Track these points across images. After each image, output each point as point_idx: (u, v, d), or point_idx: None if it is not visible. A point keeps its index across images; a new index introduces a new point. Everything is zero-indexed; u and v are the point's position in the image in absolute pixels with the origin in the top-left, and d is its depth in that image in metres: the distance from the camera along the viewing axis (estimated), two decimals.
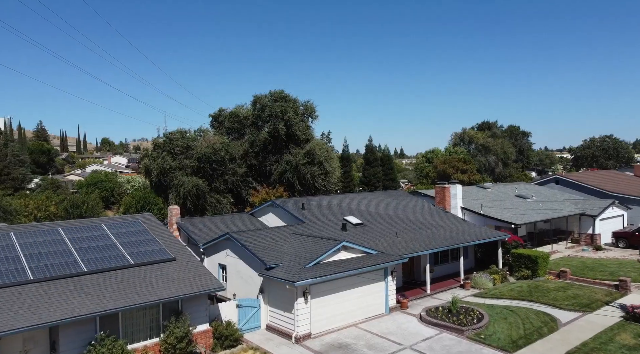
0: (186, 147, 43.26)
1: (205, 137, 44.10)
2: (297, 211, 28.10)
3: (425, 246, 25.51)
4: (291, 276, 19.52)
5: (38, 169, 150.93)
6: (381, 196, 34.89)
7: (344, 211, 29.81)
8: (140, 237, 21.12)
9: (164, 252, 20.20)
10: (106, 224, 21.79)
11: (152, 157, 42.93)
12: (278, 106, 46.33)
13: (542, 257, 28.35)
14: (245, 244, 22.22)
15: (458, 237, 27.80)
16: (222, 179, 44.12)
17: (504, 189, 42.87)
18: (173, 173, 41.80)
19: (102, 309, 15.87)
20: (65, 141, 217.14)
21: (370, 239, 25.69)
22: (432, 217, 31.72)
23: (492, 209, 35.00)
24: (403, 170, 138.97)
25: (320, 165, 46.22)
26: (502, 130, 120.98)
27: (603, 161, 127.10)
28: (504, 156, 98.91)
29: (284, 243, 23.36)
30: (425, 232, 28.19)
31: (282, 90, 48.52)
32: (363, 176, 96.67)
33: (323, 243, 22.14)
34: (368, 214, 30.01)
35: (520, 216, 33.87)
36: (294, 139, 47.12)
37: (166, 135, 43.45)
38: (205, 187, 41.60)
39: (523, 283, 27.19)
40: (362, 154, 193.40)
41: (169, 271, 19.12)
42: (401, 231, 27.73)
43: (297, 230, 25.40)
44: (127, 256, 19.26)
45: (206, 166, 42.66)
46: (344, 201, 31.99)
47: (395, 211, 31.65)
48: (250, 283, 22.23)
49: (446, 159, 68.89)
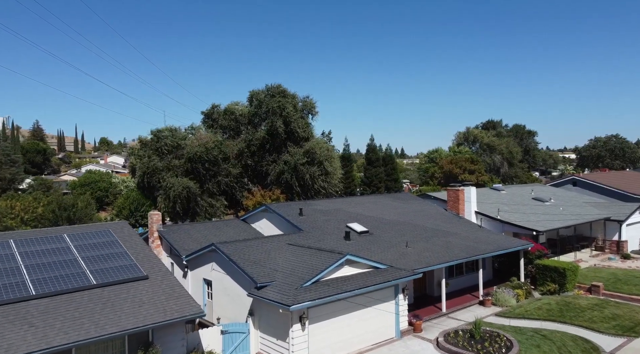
0: (176, 146, 40.03)
1: (196, 136, 40.87)
2: (294, 217, 24.88)
3: (440, 258, 22.29)
4: (286, 298, 16.34)
5: (33, 168, 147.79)
6: (388, 200, 31.66)
7: (347, 217, 26.60)
8: (108, 250, 17.92)
9: (134, 268, 17.00)
10: (69, 234, 18.57)
11: (137, 156, 39.69)
12: (275, 102, 43.07)
13: (570, 269, 25.11)
14: (233, 258, 19.02)
15: (476, 246, 24.58)
16: (215, 181, 40.90)
17: (519, 192, 39.64)
18: (160, 174, 38.57)
19: (47, 346, 12.67)
20: (62, 140, 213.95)
21: (378, 250, 22.49)
22: (445, 223, 28.49)
23: (509, 214, 31.78)
24: (404, 170, 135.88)
25: (321, 165, 42.95)
26: (507, 129, 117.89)
27: (609, 161, 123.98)
28: (509, 155, 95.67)
29: (278, 256, 20.16)
30: (439, 241, 24.98)
31: (279, 84, 45.26)
32: (364, 176, 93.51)
33: (323, 257, 18.94)
34: (374, 220, 26.79)
35: (542, 222, 30.63)
36: (293, 137, 43.88)
37: (154, 132, 40.22)
38: (196, 190, 38.38)
39: (551, 299, 23.96)
40: (362, 154, 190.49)
41: (138, 292, 15.92)
42: (412, 239, 24.54)
43: (293, 240, 22.19)
44: (88, 275, 16.06)
45: (197, 167, 39.44)
46: (346, 205, 28.77)
47: (404, 217, 28.43)
48: (238, 303, 19.03)
49: (453, 159, 65.62)
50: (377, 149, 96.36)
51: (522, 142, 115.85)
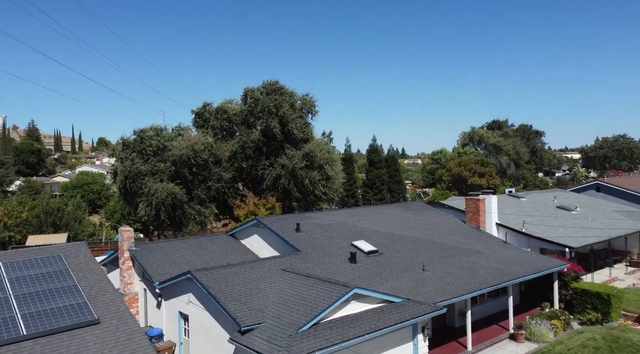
0: (161, 148, 36.26)
1: (184, 137, 37.10)
2: (289, 234, 21.10)
3: (465, 286, 18.55)
4: (276, 349, 12.61)
5: (28, 169, 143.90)
6: (397, 210, 27.89)
7: (352, 232, 22.84)
8: (54, 284, 14.17)
9: (84, 309, 13.25)
10: (4, 263, 14.79)
11: (119, 159, 35.93)
12: (272, 100, 39.37)
13: (616, 295, 21.32)
14: (212, 291, 15.27)
15: (505, 269, 20.83)
16: (205, 186, 37.18)
17: (541, 199, 35.87)
18: (143, 179, 34.81)
19: None
20: (59, 140, 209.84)
21: (390, 275, 18.76)
22: (465, 238, 24.73)
23: (535, 226, 28.02)
24: (406, 171, 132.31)
25: (321, 169, 39.26)
26: (514, 129, 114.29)
27: (616, 161, 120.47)
28: (516, 156, 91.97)
29: (269, 287, 16.42)
30: (461, 262, 21.24)
31: (276, 81, 41.57)
32: (367, 178, 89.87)
33: (325, 289, 15.20)
34: (383, 236, 23.03)
35: (573, 236, 26.87)
36: (291, 139, 40.16)
37: (137, 133, 36.45)
38: (183, 196, 34.64)
39: (594, 332, 20.19)
40: (362, 154, 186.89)
41: (83, 345, 12.17)
42: (429, 260, 20.81)
43: (288, 263, 18.45)
44: (19, 321, 12.31)
45: (185, 171, 35.71)
46: (350, 217, 25.00)
47: (417, 231, 24.68)
48: (219, 348, 15.28)
49: (461, 161, 61.77)
50: (379, 149, 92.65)
51: (529, 142, 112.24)
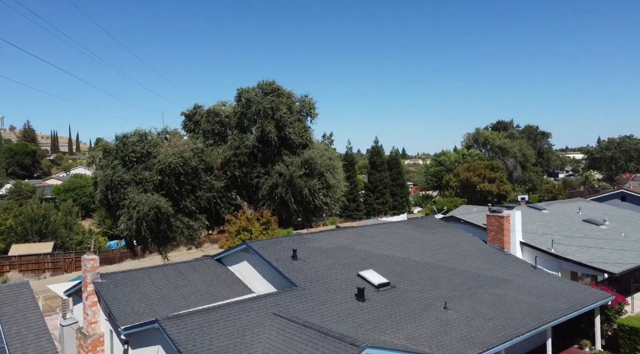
0: (146, 155, 32.87)
1: (171, 142, 33.73)
2: (284, 262, 17.75)
3: (498, 331, 15.20)
4: None
5: (22, 171, 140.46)
6: (408, 228, 24.52)
7: (358, 258, 19.50)
8: None
9: None
10: None
11: (99, 167, 32.56)
12: (268, 101, 35.98)
13: None
14: (183, 350, 11.96)
15: (542, 304, 17.51)
16: (194, 196, 33.85)
17: (564, 211, 32.52)
18: (126, 188, 31.47)
19: None
20: (56, 140, 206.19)
21: (406, 316, 15.44)
22: (490, 264, 21.39)
23: (564, 246, 24.67)
24: (407, 172, 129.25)
25: (322, 177, 35.91)
26: (520, 130, 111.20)
27: (623, 163, 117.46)
28: (522, 158, 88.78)
29: (257, 340, 13.08)
30: (488, 295, 17.93)
31: (273, 81, 38.19)
32: (369, 181, 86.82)
33: (328, 346, 11.87)
34: (394, 262, 19.70)
35: (612, 258, 23.50)
36: (288, 144, 36.82)
37: (119, 138, 33.07)
38: (168, 209, 31.28)
39: None
40: (363, 154, 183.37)
41: None
42: (450, 293, 17.50)
43: (283, 304, 15.11)
44: None
45: (172, 180, 32.34)
46: (355, 239, 21.64)
47: (433, 254, 21.34)
48: None
49: (469, 165, 58.48)
50: (381, 151, 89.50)
51: (536, 144, 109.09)
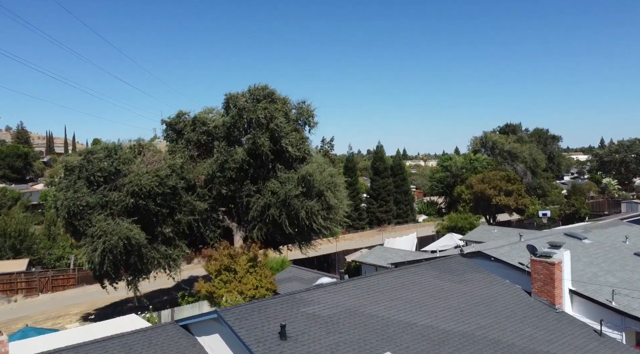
0: (115, 173, 27.89)
1: (145, 158, 28.70)
2: (268, 345, 12.72)
3: None
4: None
5: (14, 174, 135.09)
6: (431, 276, 19.53)
7: (370, 331, 14.54)
8: None
9: None
10: None
11: (59, 188, 27.54)
12: (261, 109, 30.98)
13: None
14: None
15: None
16: (172, 220, 28.96)
17: (608, 240, 27.58)
18: (91, 214, 26.52)
19: None
20: (51, 141, 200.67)
21: None
22: (541, 330, 16.47)
23: (623, 296, 19.78)
24: (409, 174, 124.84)
25: (321, 197, 30.97)
26: (529, 134, 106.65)
27: (634, 166, 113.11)
28: (533, 164, 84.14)
29: None
30: None
31: (265, 85, 33.14)
32: (371, 188, 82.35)
33: None
34: (419, 334, 14.76)
35: None
36: (283, 158, 31.90)
37: (83, 154, 28.04)
38: (141, 239, 26.33)
39: None
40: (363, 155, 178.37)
41: None
42: None
43: None
44: None
45: (146, 203, 27.41)
46: (365, 296, 16.66)
47: (467, 317, 16.41)
48: None
49: (484, 177, 53.46)
50: (384, 156, 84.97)
51: (546, 148, 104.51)
